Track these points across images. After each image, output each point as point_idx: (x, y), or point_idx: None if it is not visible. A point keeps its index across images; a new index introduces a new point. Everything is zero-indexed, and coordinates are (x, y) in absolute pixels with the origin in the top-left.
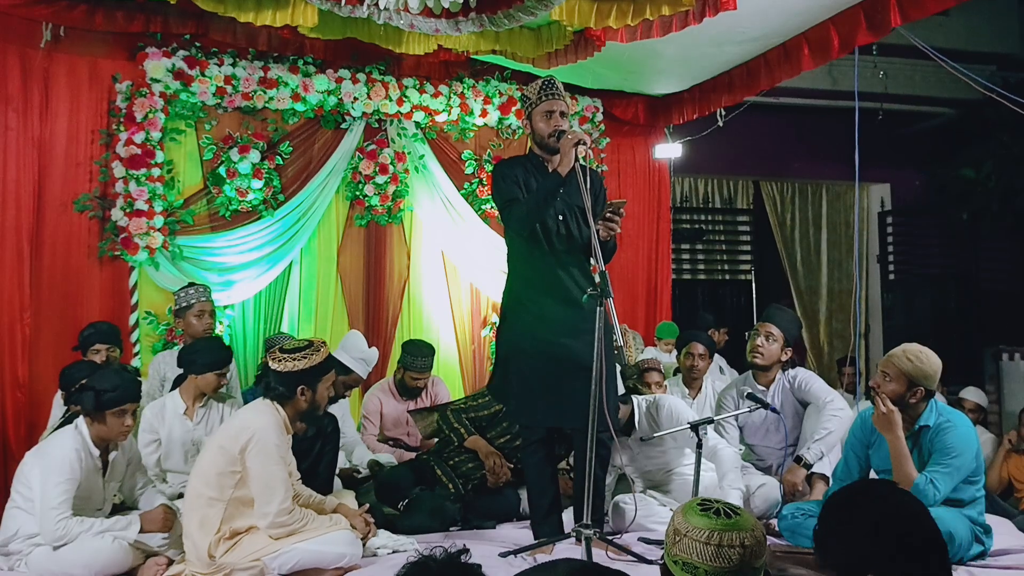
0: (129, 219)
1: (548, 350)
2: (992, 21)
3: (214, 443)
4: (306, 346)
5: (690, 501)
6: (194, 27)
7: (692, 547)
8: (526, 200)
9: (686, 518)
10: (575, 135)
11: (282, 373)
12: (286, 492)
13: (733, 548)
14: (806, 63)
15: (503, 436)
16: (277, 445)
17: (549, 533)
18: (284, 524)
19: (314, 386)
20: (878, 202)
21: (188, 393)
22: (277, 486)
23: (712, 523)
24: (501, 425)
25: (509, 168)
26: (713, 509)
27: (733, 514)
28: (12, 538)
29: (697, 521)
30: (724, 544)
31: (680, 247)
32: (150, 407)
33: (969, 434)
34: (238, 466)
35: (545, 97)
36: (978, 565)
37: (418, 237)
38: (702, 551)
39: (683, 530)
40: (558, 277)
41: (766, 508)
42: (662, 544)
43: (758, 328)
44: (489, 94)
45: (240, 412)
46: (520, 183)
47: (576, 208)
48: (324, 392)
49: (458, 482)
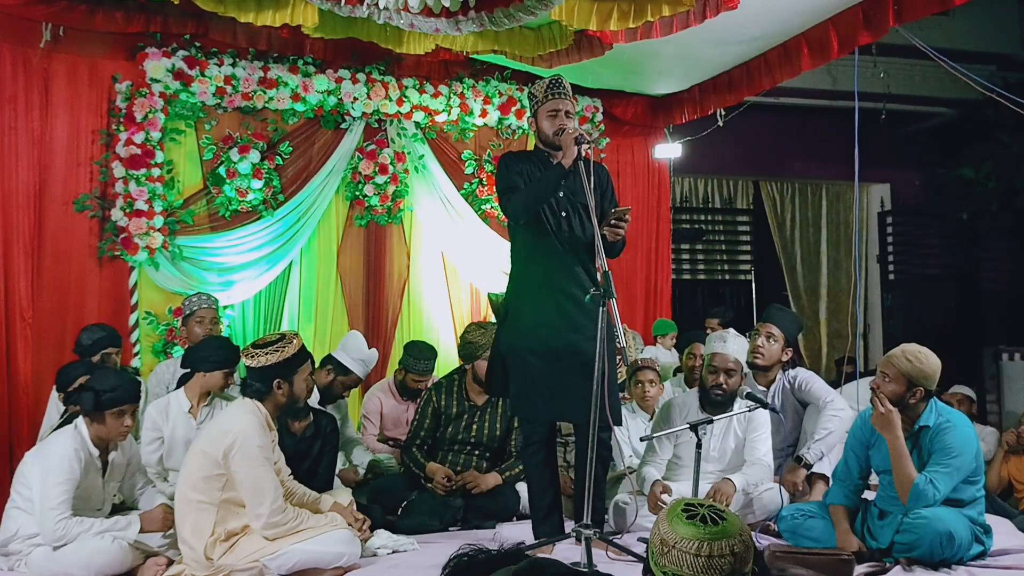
0: (129, 219)
1: (549, 346)
2: (992, 21)
3: (197, 447)
4: (278, 339)
5: (674, 506)
6: (194, 27)
7: (682, 559)
8: (526, 188)
9: (673, 527)
10: (574, 130)
11: (256, 368)
12: (276, 492)
13: (724, 558)
14: (806, 63)
15: (453, 445)
16: (260, 446)
17: (549, 533)
18: (278, 524)
19: (290, 379)
20: (878, 202)
21: (193, 392)
22: (266, 487)
23: (700, 532)
24: (450, 438)
25: (514, 160)
26: (699, 516)
27: (719, 519)
28: (12, 538)
29: (684, 531)
30: (715, 554)
31: (680, 247)
32: (154, 405)
33: (969, 434)
34: (222, 469)
35: (551, 96)
36: (978, 565)
37: (418, 237)
38: (692, 563)
39: (671, 541)
40: (561, 275)
41: (768, 512)
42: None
43: (758, 329)
44: (489, 94)
45: (221, 415)
46: (524, 175)
47: (580, 205)
48: (301, 384)
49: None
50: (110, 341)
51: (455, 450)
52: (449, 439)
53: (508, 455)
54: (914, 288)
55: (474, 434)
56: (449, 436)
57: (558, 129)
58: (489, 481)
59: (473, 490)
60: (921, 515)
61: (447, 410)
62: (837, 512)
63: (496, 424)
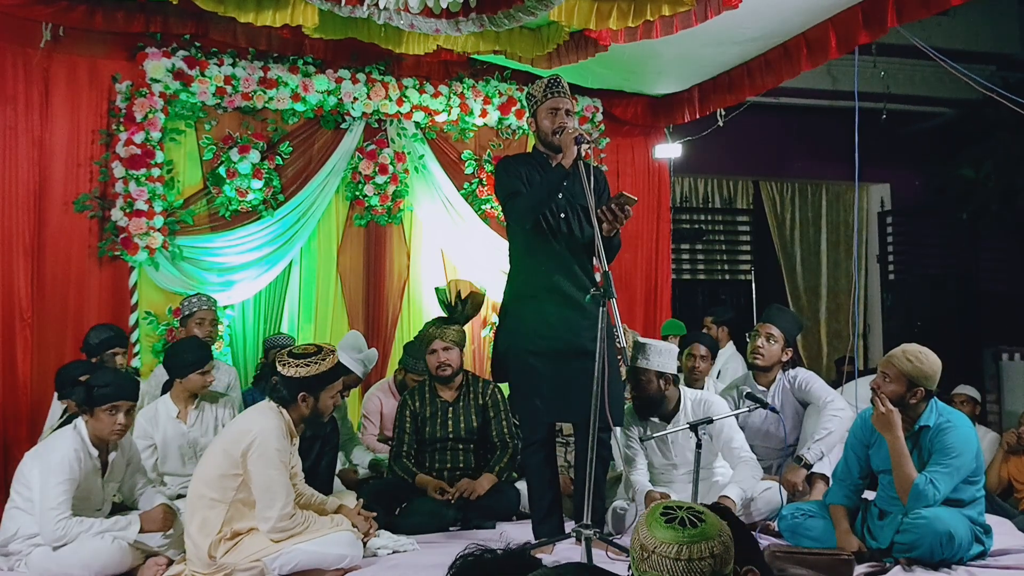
0: (129, 219)
1: (549, 347)
2: (992, 21)
3: (217, 445)
4: (315, 352)
5: (652, 509)
6: (194, 27)
7: (662, 564)
8: (529, 193)
9: (652, 532)
10: (574, 129)
11: (287, 377)
12: (287, 497)
13: (704, 560)
14: (806, 63)
15: (435, 444)
16: (278, 450)
17: (549, 533)
18: (285, 529)
19: (317, 394)
20: (878, 202)
21: (178, 396)
22: (278, 491)
23: (679, 536)
24: (430, 439)
25: (513, 164)
26: (678, 519)
27: (699, 521)
28: (12, 538)
29: (663, 535)
30: (695, 558)
31: (680, 247)
32: (143, 413)
33: (969, 434)
34: (240, 469)
35: (550, 95)
36: (978, 565)
37: (418, 237)
38: (672, 567)
39: (650, 546)
40: (559, 275)
41: (768, 512)
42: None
43: (758, 329)
44: (489, 94)
45: (244, 414)
46: (524, 178)
47: (579, 207)
48: (328, 401)
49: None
50: (117, 341)
51: (439, 449)
52: (430, 440)
53: (492, 445)
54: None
55: (451, 430)
56: (429, 437)
57: (558, 127)
58: (484, 484)
59: (471, 497)
60: (921, 515)
61: (422, 412)
62: (837, 512)
63: (471, 416)
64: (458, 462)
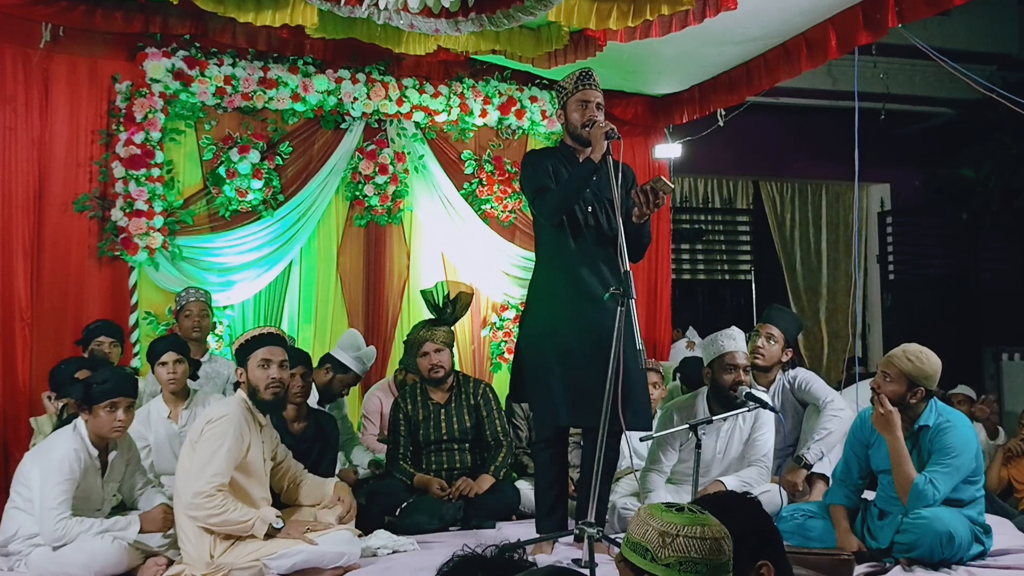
0: (129, 219)
1: (569, 347)
2: (992, 21)
3: (187, 442)
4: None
5: (651, 507)
6: (194, 27)
7: (689, 545)
8: (558, 188)
9: (665, 518)
10: (605, 123)
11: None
12: (213, 476)
13: (722, 540)
14: (806, 63)
15: (430, 446)
16: (234, 427)
17: (552, 528)
18: (199, 507)
19: (244, 364)
20: (878, 202)
21: (168, 398)
22: (209, 467)
23: (695, 519)
24: (424, 441)
25: (539, 158)
26: (681, 508)
27: (698, 511)
28: (12, 538)
29: (679, 519)
30: (715, 537)
31: (680, 247)
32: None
33: (969, 434)
34: None
35: (581, 87)
36: (978, 565)
37: (418, 237)
38: (700, 547)
39: (672, 531)
40: (585, 269)
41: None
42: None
43: (759, 329)
44: (489, 94)
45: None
46: (551, 173)
47: (606, 200)
48: (257, 372)
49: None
50: (105, 330)
51: (434, 450)
52: (424, 442)
53: (487, 444)
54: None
55: (445, 431)
56: (423, 440)
57: (588, 120)
58: (483, 484)
59: (470, 495)
60: (921, 515)
61: (415, 415)
62: (837, 512)
63: (464, 417)
64: (455, 462)
